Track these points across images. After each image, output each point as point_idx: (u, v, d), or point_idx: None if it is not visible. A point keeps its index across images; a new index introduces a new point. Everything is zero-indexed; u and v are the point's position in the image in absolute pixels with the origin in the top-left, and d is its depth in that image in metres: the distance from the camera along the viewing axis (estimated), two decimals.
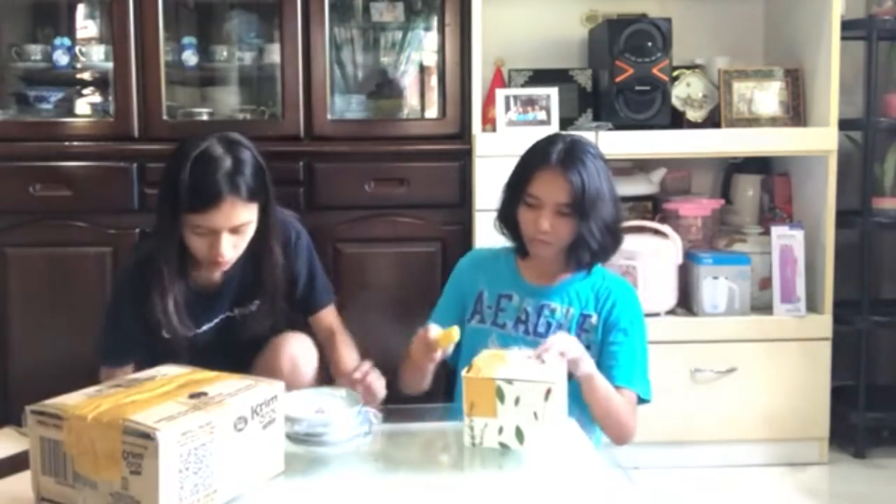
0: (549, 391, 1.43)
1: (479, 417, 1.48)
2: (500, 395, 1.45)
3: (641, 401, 1.90)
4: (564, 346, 1.66)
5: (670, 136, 2.89)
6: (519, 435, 1.46)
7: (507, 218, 1.95)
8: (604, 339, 1.89)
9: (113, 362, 1.97)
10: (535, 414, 1.44)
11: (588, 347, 1.83)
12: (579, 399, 1.76)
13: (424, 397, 2.09)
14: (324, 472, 1.42)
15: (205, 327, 1.96)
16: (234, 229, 1.81)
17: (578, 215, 1.84)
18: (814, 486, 2.80)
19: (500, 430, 1.47)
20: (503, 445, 1.47)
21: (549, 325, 1.91)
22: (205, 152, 1.81)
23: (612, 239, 1.92)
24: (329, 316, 2.12)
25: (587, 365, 1.74)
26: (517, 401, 1.45)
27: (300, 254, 2.04)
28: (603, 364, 1.85)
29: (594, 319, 1.91)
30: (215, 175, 1.77)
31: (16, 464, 1.35)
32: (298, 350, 1.97)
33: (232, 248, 1.82)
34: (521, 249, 1.97)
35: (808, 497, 2.72)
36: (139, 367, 1.81)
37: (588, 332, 1.90)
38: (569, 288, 1.94)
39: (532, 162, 1.90)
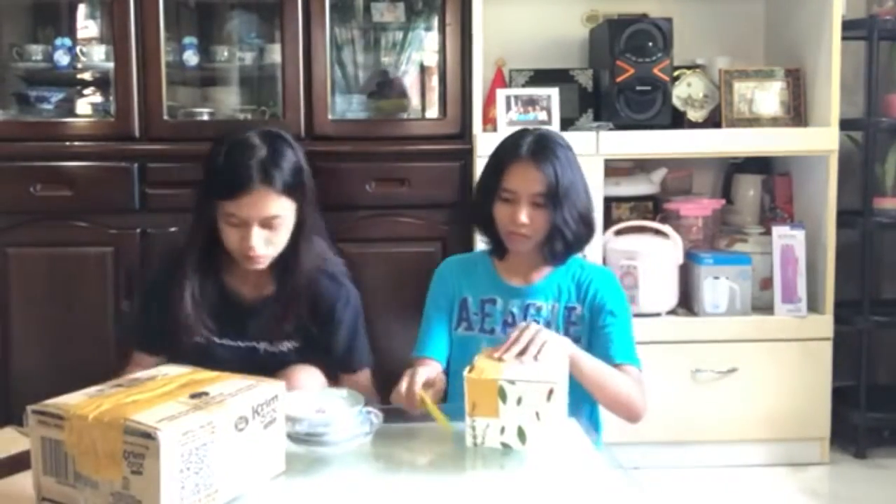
0: (551, 391, 1.43)
1: (480, 417, 1.48)
2: (503, 396, 1.45)
3: None
4: (544, 340, 1.62)
5: (671, 136, 2.89)
6: (521, 435, 1.46)
7: (482, 217, 1.94)
8: (592, 324, 1.89)
9: (144, 348, 1.95)
10: (537, 414, 1.44)
11: (577, 340, 1.82)
12: (588, 397, 1.75)
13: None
14: (325, 472, 1.42)
15: (226, 341, 1.91)
16: (265, 223, 1.78)
17: (553, 205, 1.85)
18: (815, 487, 2.80)
19: (502, 431, 1.47)
20: (505, 446, 1.47)
21: (536, 323, 1.89)
22: (243, 140, 1.82)
23: (585, 228, 1.92)
24: (362, 379, 2.00)
25: (566, 346, 1.71)
26: (519, 401, 1.45)
27: (344, 321, 1.95)
28: (598, 347, 1.84)
29: (579, 311, 1.91)
30: (249, 161, 1.76)
31: (16, 464, 1.35)
32: (308, 383, 1.86)
33: (264, 243, 1.78)
34: (497, 249, 1.97)
35: (808, 497, 2.72)
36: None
37: (576, 325, 1.90)
38: (550, 283, 1.93)
39: (503, 157, 1.91)
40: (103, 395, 1.25)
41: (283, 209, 1.80)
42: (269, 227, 1.79)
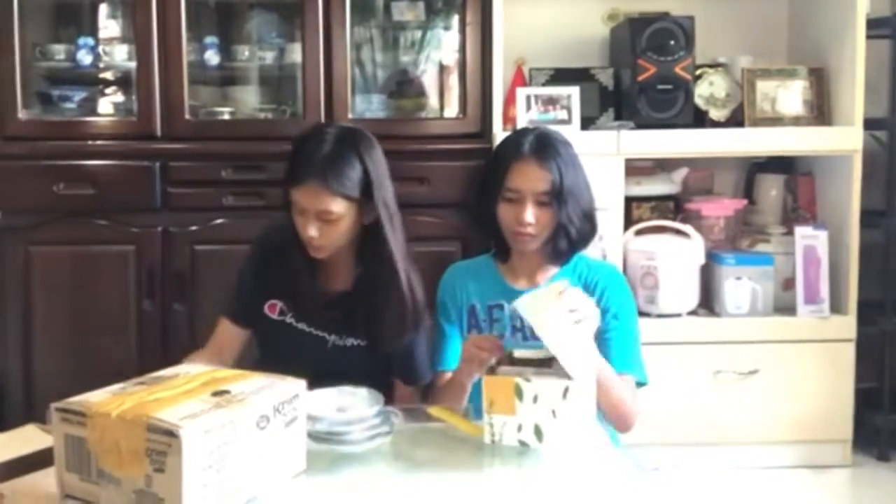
0: (566, 389, 1.42)
1: (498, 415, 1.48)
2: (519, 393, 1.45)
3: (639, 385, 1.87)
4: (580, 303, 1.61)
5: (693, 135, 2.87)
6: (538, 433, 1.45)
7: (485, 218, 1.93)
8: (600, 325, 1.84)
9: (233, 316, 1.96)
10: (553, 412, 1.44)
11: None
12: None
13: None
14: (345, 470, 1.42)
15: (302, 325, 1.94)
16: (320, 216, 1.82)
17: (557, 203, 1.84)
18: (837, 489, 2.78)
19: (520, 428, 1.47)
20: (522, 443, 1.47)
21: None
22: (317, 133, 1.88)
23: (589, 225, 1.91)
24: (411, 392, 2.01)
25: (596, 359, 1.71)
26: (535, 398, 1.45)
27: (411, 333, 1.94)
28: (599, 351, 1.80)
29: None
30: (311, 156, 1.82)
31: (39, 460, 1.35)
32: None
33: (319, 234, 1.83)
34: (500, 252, 1.96)
35: (831, 500, 2.70)
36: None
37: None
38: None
39: (506, 156, 1.90)
40: (126, 392, 1.25)
41: (338, 208, 1.82)
42: (324, 221, 1.83)
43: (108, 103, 3.04)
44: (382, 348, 1.91)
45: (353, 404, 1.53)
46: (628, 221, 2.94)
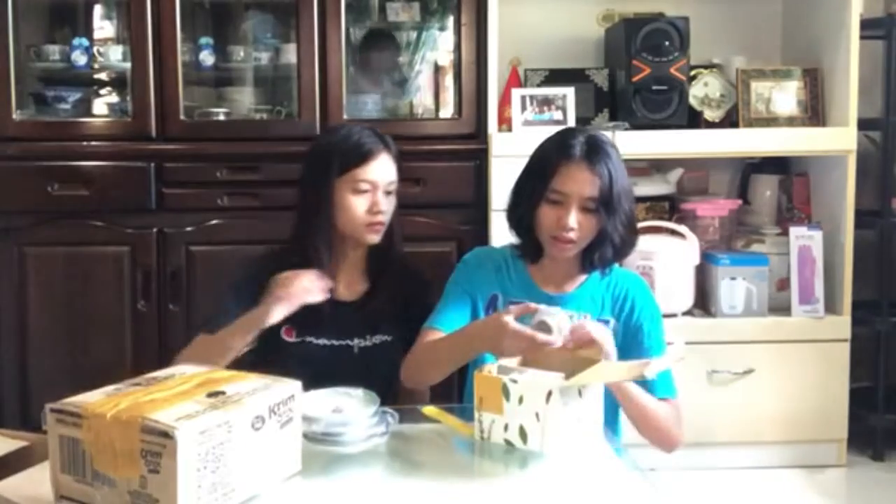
0: (549, 393, 1.42)
1: (487, 413, 1.49)
2: (506, 393, 1.46)
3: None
4: (601, 336, 1.61)
5: (688, 135, 2.88)
6: (522, 434, 1.46)
7: (522, 218, 1.85)
8: (627, 341, 1.82)
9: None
10: (536, 415, 1.44)
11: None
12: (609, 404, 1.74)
13: (440, 398, 2.09)
14: (341, 471, 1.42)
15: (322, 340, 1.95)
16: (386, 189, 1.94)
17: (605, 211, 1.77)
18: (831, 489, 2.78)
19: (506, 428, 1.47)
20: (508, 443, 1.48)
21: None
22: (351, 127, 2.03)
23: (632, 236, 1.85)
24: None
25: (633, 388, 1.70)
26: (521, 400, 1.45)
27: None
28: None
29: (612, 325, 1.84)
30: (368, 135, 1.95)
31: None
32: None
33: (386, 209, 1.93)
34: (531, 253, 1.87)
35: (825, 500, 2.70)
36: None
37: None
38: (584, 293, 1.86)
39: (553, 156, 1.80)
40: (121, 393, 1.25)
41: (396, 176, 1.98)
42: (388, 192, 1.96)
43: (103, 104, 3.03)
44: (409, 339, 1.88)
45: (348, 405, 1.53)
46: None
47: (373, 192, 1.92)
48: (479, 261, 1.94)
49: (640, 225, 2.90)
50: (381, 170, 1.93)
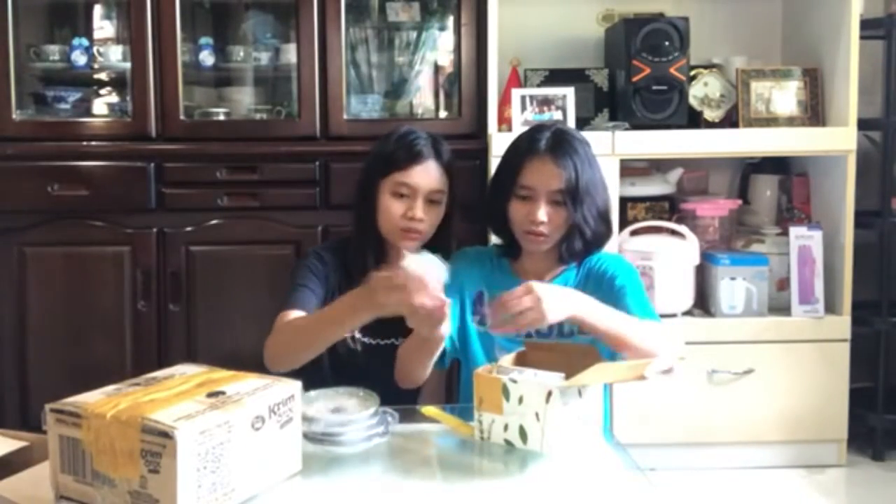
0: (549, 393, 1.42)
1: (486, 413, 1.49)
2: (506, 393, 1.46)
3: None
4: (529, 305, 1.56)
5: (687, 135, 2.88)
6: (522, 434, 1.46)
7: (495, 216, 1.89)
8: (604, 297, 1.77)
9: (303, 306, 1.90)
10: (536, 415, 1.44)
11: (594, 342, 1.75)
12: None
13: (440, 399, 2.09)
14: (341, 471, 1.42)
15: (367, 339, 1.95)
16: (430, 196, 1.92)
17: (572, 203, 1.80)
18: (831, 489, 2.78)
19: (506, 427, 1.48)
20: (508, 443, 1.48)
21: (558, 323, 1.87)
22: (410, 129, 2.02)
23: (605, 226, 1.88)
24: None
25: (557, 312, 1.60)
26: (521, 400, 1.45)
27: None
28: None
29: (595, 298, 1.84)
30: (419, 139, 1.96)
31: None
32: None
33: (425, 217, 1.91)
34: (511, 250, 1.92)
35: (825, 500, 2.70)
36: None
37: None
38: (565, 280, 1.88)
39: (520, 153, 1.86)
40: (121, 393, 1.25)
41: (444, 187, 1.95)
42: (431, 201, 1.93)
43: (103, 104, 3.04)
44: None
45: (348, 405, 1.53)
46: (623, 222, 2.94)
47: (412, 197, 1.91)
48: (465, 261, 1.97)
49: (640, 225, 2.93)
50: (424, 176, 1.92)
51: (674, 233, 2.89)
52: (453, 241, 2.04)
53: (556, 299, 1.60)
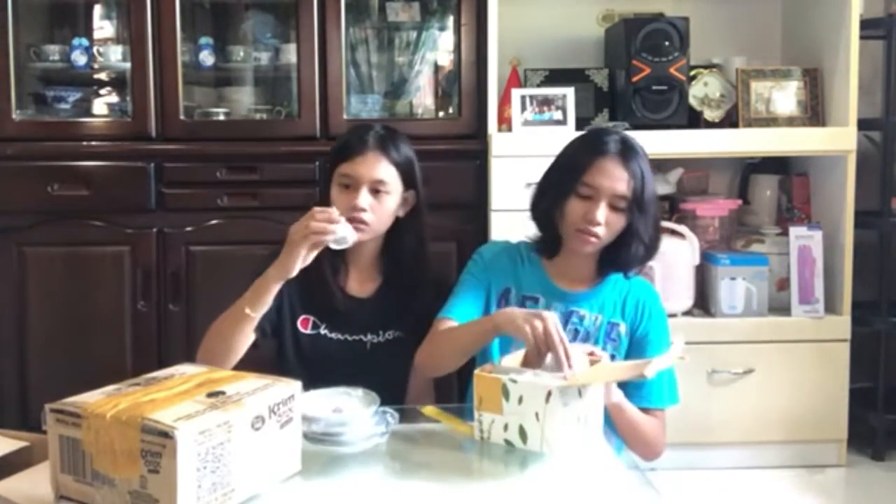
0: (549, 393, 1.42)
1: (486, 413, 1.49)
2: (506, 393, 1.46)
3: (671, 404, 1.87)
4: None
5: (687, 135, 2.88)
6: (522, 434, 1.46)
7: (548, 210, 1.83)
8: (633, 349, 1.83)
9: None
10: (536, 415, 1.44)
11: (612, 357, 1.77)
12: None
13: (440, 399, 2.09)
14: (341, 471, 1.42)
15: (336, 335, 1.95)
16: (374, 187, 1.91)
17: (636, 209, 1.77)
18: (831, 489, 2.78)
19: (506, 427, 1.48)
20: (508, 443, 1.48)
21: (576, 332, 1.84)
22: (364, 125, 2.06)
23: (657, 241, 1.85)
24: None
25: (615, 395, 1.69)
26: (520, 400, 1.45)
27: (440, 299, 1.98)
28: (635, 384, 1.76)
29: (622, 328, 1.85)
30: (366, 133, 1.96)
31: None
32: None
33: (369, 206, 1.90)
34: (549, 248, 1.87)
35: (825, 500, 2.70)
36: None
37: (615, 342, 1.84)
38: (596, 294, 1.86)
39: (586, 152, 1.80)
40: (121, 393, 1.25)
41: (391, 178, 1.93)
42: (376, 192, 1.92)
43: (103, 104, 3.04)
44: (420, 332, 1.88)
45: (348, 405, 1.53)
46: None
47: (355, 188, 1.91)
48: (495, 253, 1.93)
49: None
50: (365, 166, 1.91)
51: (674, 233, 2.88)
52: (425, 241, 2.02)
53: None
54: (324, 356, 1.93)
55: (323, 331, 1.96)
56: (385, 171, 1.92)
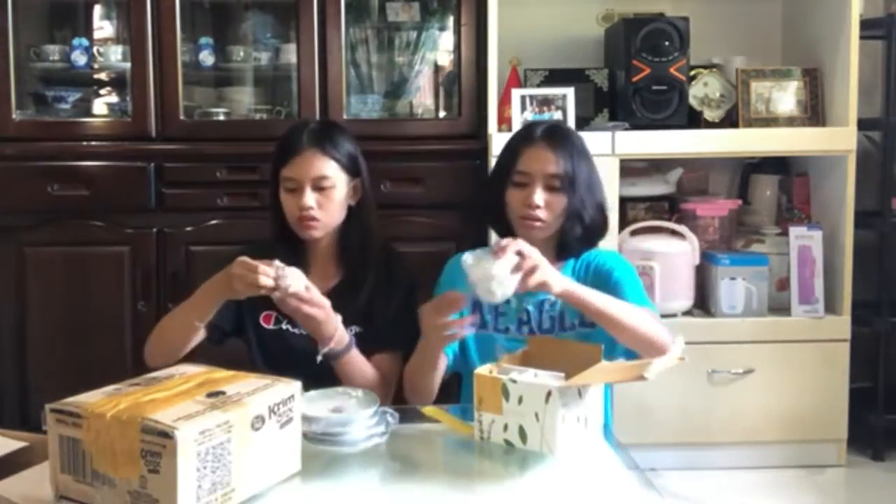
0: (549, 393, 1.43)
1: (486, 413, 1.50)
2: (506, 393, 1.47)
3: None
4: (523, 247, 1.62)
5: (687, 135, 2.88)
6: (522, 434, 1.46)
7: (492, 207, 1.91)
8: (600, 287, 1.79)
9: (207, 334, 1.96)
10: (536, 415, 1.44)
11: (592, 325, 1.78)
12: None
13: (440, 399, 2.09)
14: (340, 471, 1.42)
15: (299, 330, 1.94)
16: (316, 184, 1.92)
17: (571, 188, 1.83)
18: (831, 489, 2.78)
19: (505, 427, 1.48)
20: (508, 443, 1.48)
21: (552, 318, 1.87)
22: (297, 124, 2.06)
23: (602, 218, 1.90)
24: (388, 360, 1.96)
25: (559, 281, 1.66)
26: (520, 400, 1.46)
27: (397, 295, 1.99)
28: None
29: None
30: (302, 132, 1.97)
31: None
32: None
33: (317, 205, 1.91)
34: None
35: (825, 500, 2.70)
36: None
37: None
38: (564, 274, 1.85)
39: (516, 143, 1.91)
40: (121, 393, 1.25)
41: (333, 172, 1.94)
42: (320, 189, 1.92)
43: (103, 104, 3.04)
44: (376, 322, 1.93)
45: (348, 405, 1.53)
46: (623, 222, 2.94)
47: (299, 189, 1.92)
48: (451, 270, 1.97)
49: (640, 225, 2.93)
50: (304, 166, 1.92)
51: (674, 233, 2.89)
52: (374, 227, 2.02)
53: (553, 270, 1.66)
54: (288, 352, 1.94)
55: (285, 326, 1.96)
56: (325, 166, 1.93)
